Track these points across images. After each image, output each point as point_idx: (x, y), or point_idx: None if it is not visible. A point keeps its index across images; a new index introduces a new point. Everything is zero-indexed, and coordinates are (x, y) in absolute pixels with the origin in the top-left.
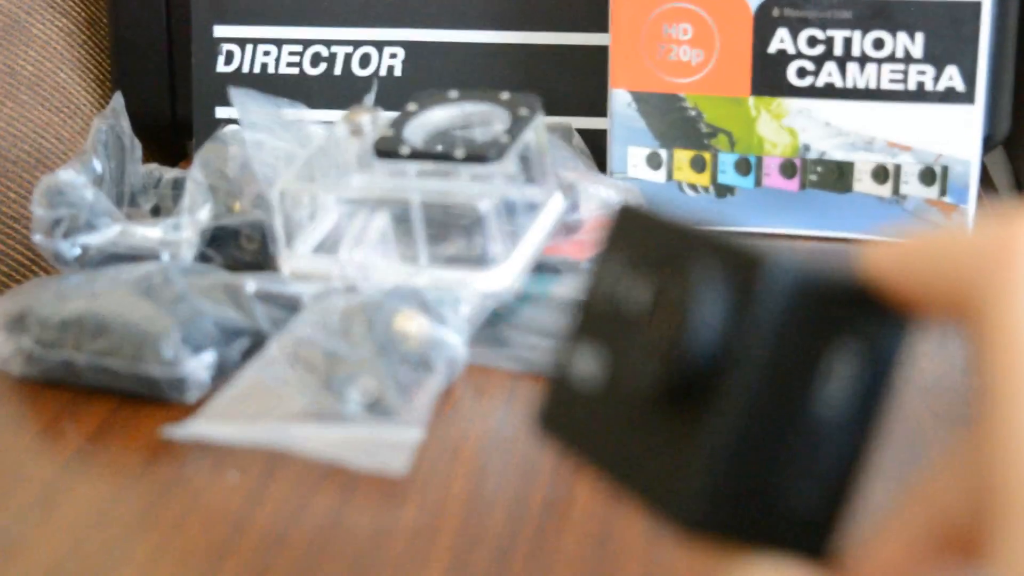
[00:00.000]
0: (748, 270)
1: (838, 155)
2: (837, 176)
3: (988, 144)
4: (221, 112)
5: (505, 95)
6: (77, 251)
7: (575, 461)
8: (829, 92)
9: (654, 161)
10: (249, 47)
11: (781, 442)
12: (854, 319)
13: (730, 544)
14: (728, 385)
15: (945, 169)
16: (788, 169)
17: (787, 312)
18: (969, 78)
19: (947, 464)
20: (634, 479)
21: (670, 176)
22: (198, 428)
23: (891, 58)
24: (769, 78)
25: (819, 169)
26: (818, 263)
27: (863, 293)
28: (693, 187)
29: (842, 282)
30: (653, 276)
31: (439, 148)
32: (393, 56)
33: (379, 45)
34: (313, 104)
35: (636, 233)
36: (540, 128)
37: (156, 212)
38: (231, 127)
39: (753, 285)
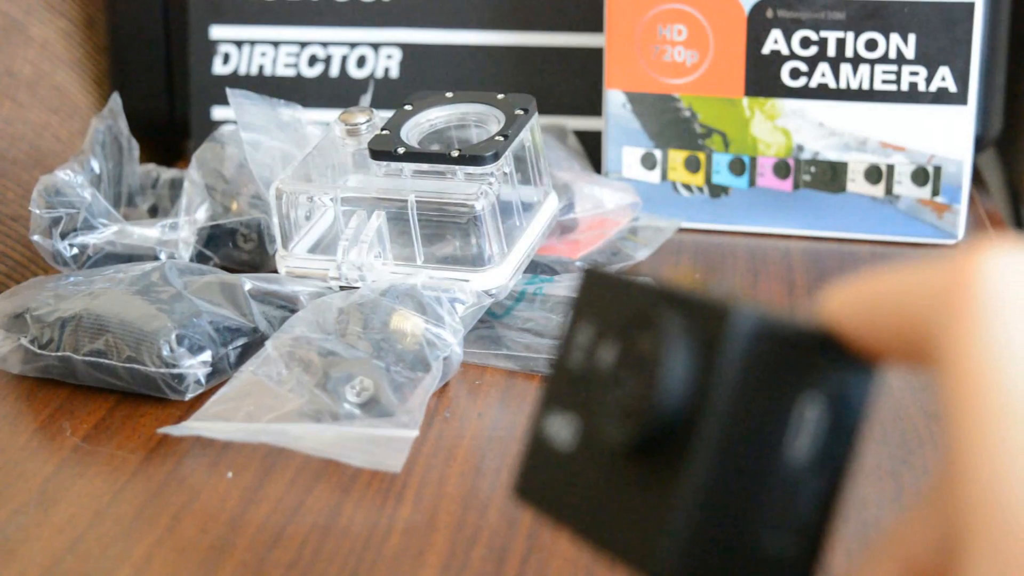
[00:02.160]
0: (712, 323)
1: (831, 155)
2: (830, 176)
3: (980, 145)
4: (218, 112)
5: (500, 95)
6: (75, 251)
7: (551, 524)
8: (822, 93)
9: (648, 161)
10: (246, 48)
11: (753, 491)
12: (819, 367)
13: None
14: (698, 438)
15: (938, 169)
16: (782, 169)
17: (752, 363)
18: (961, 79)
19: (918, 508)
20: (609, 537)
21: (664, 176)
22: (195, 426)
23: (884, 59)
24: (763, 79)
25: (812, 169)
26: (781, 313)
27: (827, 340)
28: (687, 187)
29: (805, 330)
30: (621, 336)
31: (435, 148)
32: (389, 57)
33: (375, 46)
34: (309, 104)
35: (602, 296)
36: (535, 128)
37: (154, 212)
38: (228, 127)
39: (717, 338)
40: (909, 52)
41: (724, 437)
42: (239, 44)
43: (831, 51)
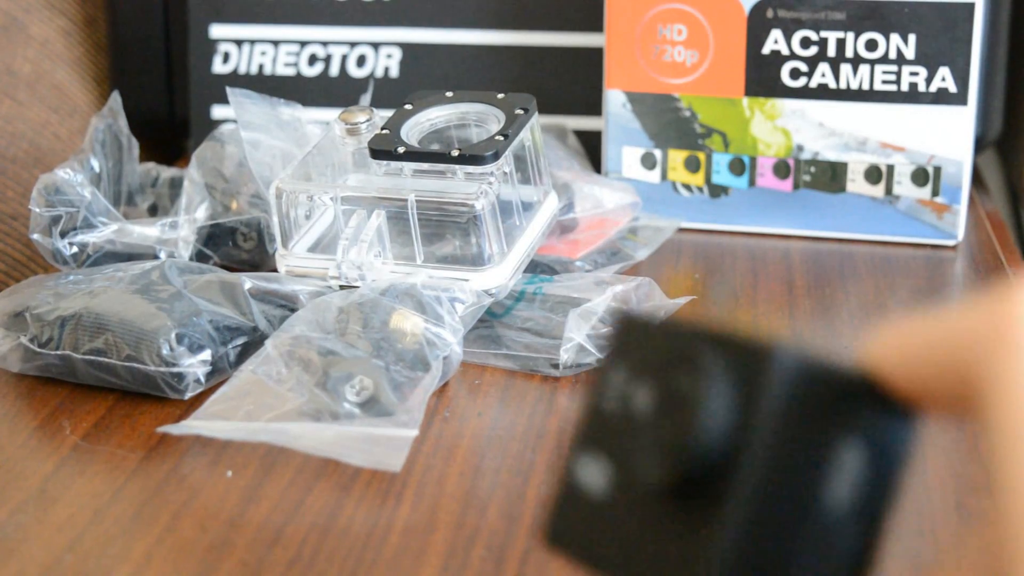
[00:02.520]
0: (754, 363)
1: (831, 156)
2: (830, 176)
3: (980, 145)
4: (218, 111)
5: (500, 95)
6: (74, 249)
7: (587, 570)
8: (822, 93)
9: (648, 161)
10: (246, 47)
11: (791, 534)
12: (860, 412)
13: None
14: (737, 481)
15: (937, 170)
16: (782, 169)
17: (793, 405)
18: (961, 79)
19: (956, 557)
20: None
21: (664, 176)
22: (194, 425)
23: (884, 59)
24: (763, 79)
25: (812, 169)
26: (823, 355)
27: (868, 386)
28: (687, 187)
29: (847, 374)
30: (658, 378)
31: (435, 148)
32: (389, 56)
33: (375, 45)
34: (309, 104)
35: (637, 338)
36: (535, 128)
37: (153, 211)
38: (228, 126)
39: (759, 378)
40: (909, 52)
41: (763, 480)
42: (239, 43)
43: (831, 51)
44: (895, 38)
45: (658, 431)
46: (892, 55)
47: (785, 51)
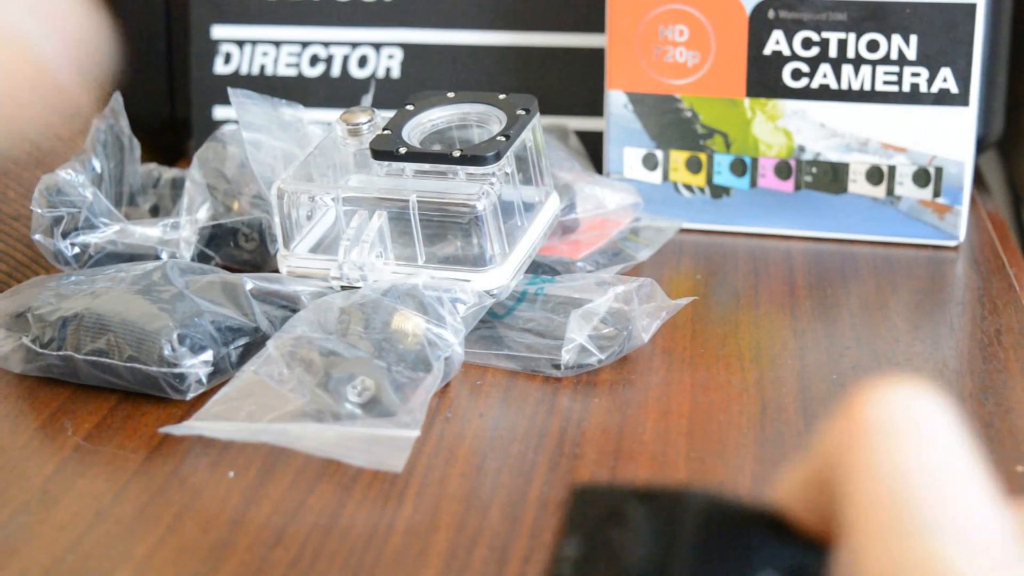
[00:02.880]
0: (670, 508)
1: (833, 156)
2: (832, 177)
3: (981, 145)
4: (219, 112)
5: (502, 96)
6: (76, 250)
7: None
8: (824, 94)
9: (650, 162)
10: (247, 47)
11: None
12: (773, 547)
13: None
14: None
15: (939, 170)
16: (783, 170)
17: (707, 543)
18: (963, 80)
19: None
20: None
21: (666, 177)
22: (196, 426)
23: (885, 60)
24: (764, 80)
25: (814, 170)
26: (733, 497)
27: (777, 522)
28: (689, 188)
29: (757, 512)
30: (595, 535)
31: (436, 148)
32: (391, 57)
33: (377, 46)
34: (311, 104)
35: (589, 504)
36: (537, 129)
37: (155, 211)
38: (229, 127)
39: (673, 523)
40: (910, 53)
41: None
42: (240, 44)
43: (832, 52)
44: (896, 39)
45: None
46: (893, 56)
47: (786, 52)
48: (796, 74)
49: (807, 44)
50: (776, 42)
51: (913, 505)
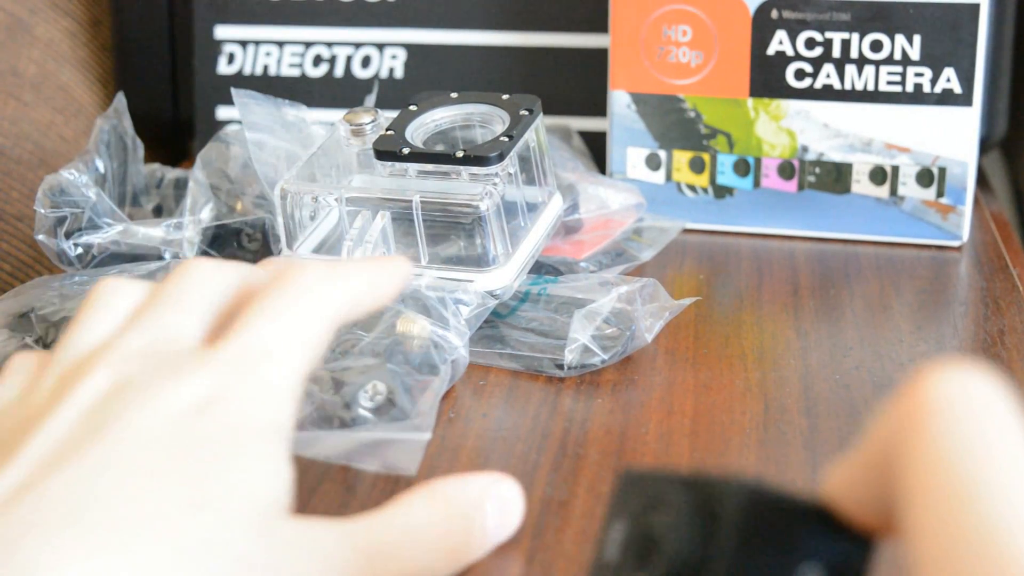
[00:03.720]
0: (716, 496)
1: (836, 156)
2: (835, 177)
3: (985, 146)
4: (223, 112)
5: (505, 96)
6: (79, 250)
7: None
8: (827, 94)
9: (653, 162)
10: (251, 48)
11: None
12: (818, 539)
13: None
14: None
15: (942, 171)
16: (786, 170)
17: (751, 532)
18: (966, 80)
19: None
20: None
21: (669, 177)
22: None
23: (889, 60)
24: (768, 80)
25: (817, 170)
26: (780, 488)
27: (824, 514)
28: (692, 188)
29: (803, 503)
30: (640, 522)
31: (439, 149)
32: (394, 57)
33: (380, 46)
34: (314, 104)
35: (635, 490)
36: (540, 129)
37: (158, 212)
38: (233, 127)
39: (720, 509)
40: (914, 53)
41: None
42: (244, 44)
43: (836, 52)
44: (900, 39)
45: (643, 570)
46: (897, 56)
47: (790, 52)
48: (799, 74)
49: (811, 44)
50: (779, 42)
51: (980, 489)
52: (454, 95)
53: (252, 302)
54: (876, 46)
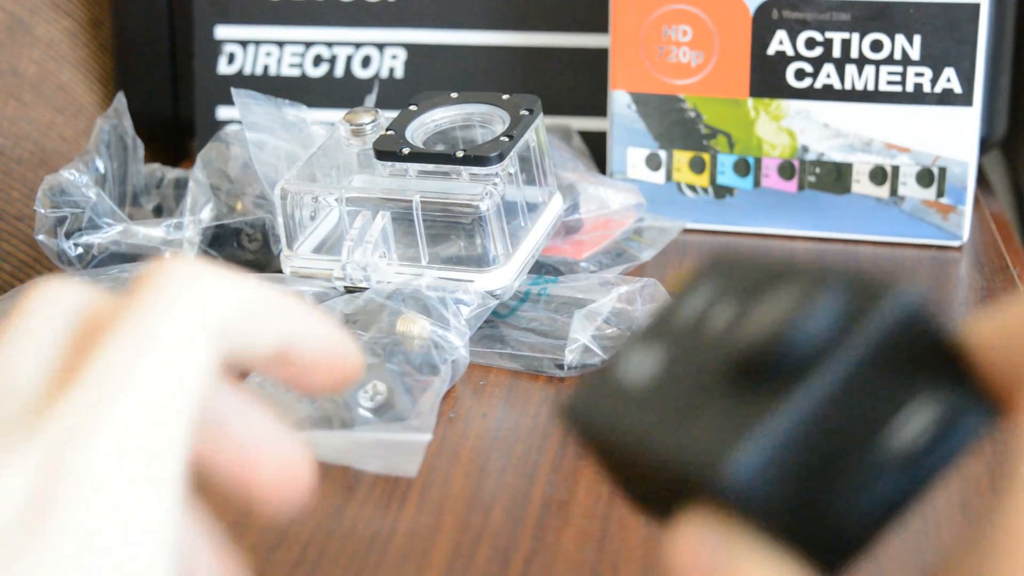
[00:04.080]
0: (869, 291)
1: (836, 156)
2: (835, 177)
3: (985, 145)
4: (223, 112)
5: (505, 96)
6: (79, 250)
7: (597, 453)
8: (827, 94)
9: (653, 162)
10: (251, 48)
11: (840, 454)
12: (947, 382)
13: (752, 525)
14: (812, 377)
15: (943, 170)
16: (787, 170)
17: (895, 338)
18: (966, 80)
19: (961, 554)
20: (668, 452)
21: (669, 177)
22: None
23: (889, 60)
24: (768, 80)
25: (817, 170)
26: (938, 309)
27: (963, 363)
28: (692, 188)
29: (951, 340)
30: (753, 292)
31: (440, 149)
32: (394, 57)
33: (380, 46)
34: (314, 104)
35: (731, 269)
36: (540, 129)
37: (158, 212)
38: (233, 127)
39: (871, 302)
40: (914, 53)
41: (835, 390)
42: (244, 44)
43: (836, 52)
44: (900, 39)
45: (741, 329)
46: (897, 56)
47: (790, 52)
48: (800, 74)
49: (811, 44)
50: (780, 42)
51: None
52: (454, 95)
53: (103, 327)
54: (876, 46)
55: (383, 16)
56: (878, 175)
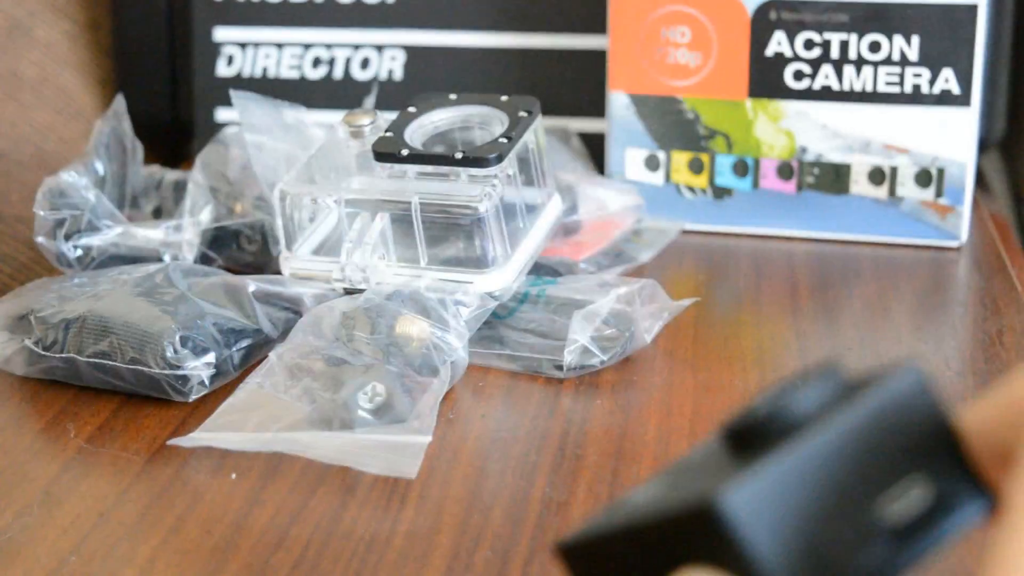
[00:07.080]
0: (879, 371)
1: (835, 157)
2: (834, 178)
3: (983, 146)
4: (222, 114)
5: (504, 97)
6: (79, 252)
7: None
8: (826, 95)
9: (652, 163)
10: (250, 49)
11: (833, 512)
12: (945, 463)
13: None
14: (808, 432)
15: (941, 171)
16: (785, 171)
17: (896, 410)
18: (965, 81)
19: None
20: (665, 509)
21: (668, 178)
22: (205, 437)
23: (887, 61)
24: (766, 81)
25: (816, 171)
26: (939, 393)
27: (959, 446)
28: (691, 189)
29: (949, 424)
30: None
31: (439, 150)
32: (393, 59)
33: (379, 48)
34: (313, 106)
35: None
36: (539, 130)
37: (157, 214)
38: (232, 129)
39: (879, 379)
40: (912, 54)
41: (831, 448)
42: (243, 46)
43: (834, 53)
44: (898, 40)
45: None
46: (895, 57)
47: (788, 53)
48: (798, 75)
49: (809, 45)
50: (778, 43)
51: None
52: (453, 97)
53: None
54: (874, 47)
55: (382, 18)
56: (876, 176)
